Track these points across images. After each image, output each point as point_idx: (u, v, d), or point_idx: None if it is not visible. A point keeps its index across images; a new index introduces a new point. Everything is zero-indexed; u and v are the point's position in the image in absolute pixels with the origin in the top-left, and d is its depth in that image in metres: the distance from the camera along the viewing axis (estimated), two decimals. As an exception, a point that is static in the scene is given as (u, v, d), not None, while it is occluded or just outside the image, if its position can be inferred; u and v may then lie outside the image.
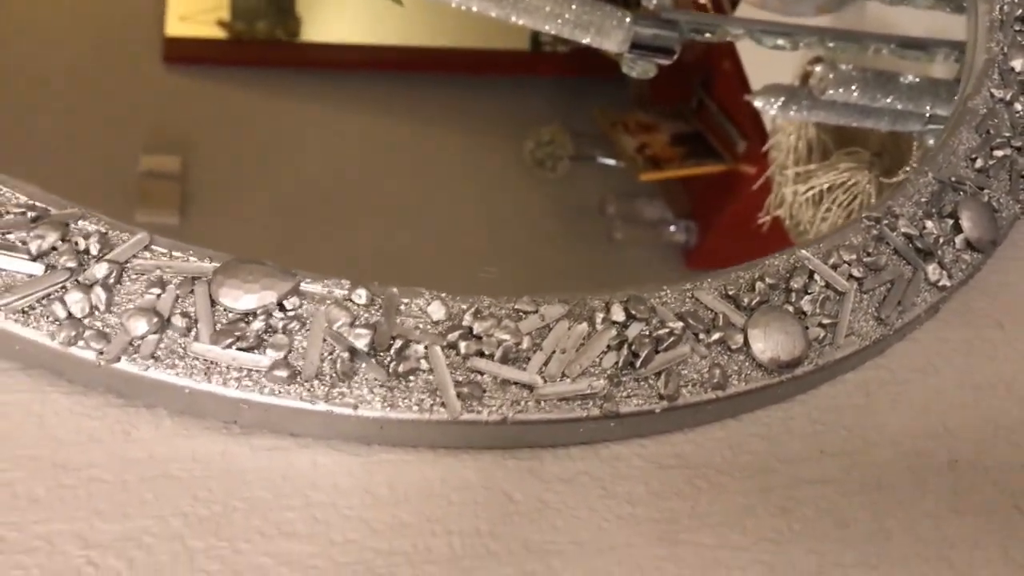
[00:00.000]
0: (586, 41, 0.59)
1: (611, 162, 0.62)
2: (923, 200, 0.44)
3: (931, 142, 0.54)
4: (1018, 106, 0.49)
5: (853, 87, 0.60)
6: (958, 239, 0.44)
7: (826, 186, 0.58)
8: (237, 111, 0.57)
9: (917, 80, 0.60)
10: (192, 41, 0.60)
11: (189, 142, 0.54)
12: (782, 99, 0.61)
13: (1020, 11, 0.52)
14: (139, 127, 0.54)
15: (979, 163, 0.46)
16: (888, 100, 0.59)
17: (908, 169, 0.55)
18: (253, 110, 0.57)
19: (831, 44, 0.63)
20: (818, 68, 0.61)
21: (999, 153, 0.47)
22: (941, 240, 0.43)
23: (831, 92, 0.60)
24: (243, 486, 0.34)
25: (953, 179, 0.45)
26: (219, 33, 0.61)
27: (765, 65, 0.63)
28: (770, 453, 0.38)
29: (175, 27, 0.59)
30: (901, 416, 0.40)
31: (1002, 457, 0.40)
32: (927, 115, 0.58)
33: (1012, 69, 0.50)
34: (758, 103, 0.61)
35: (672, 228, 0.59)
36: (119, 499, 0.33)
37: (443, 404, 0.34)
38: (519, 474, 0.36)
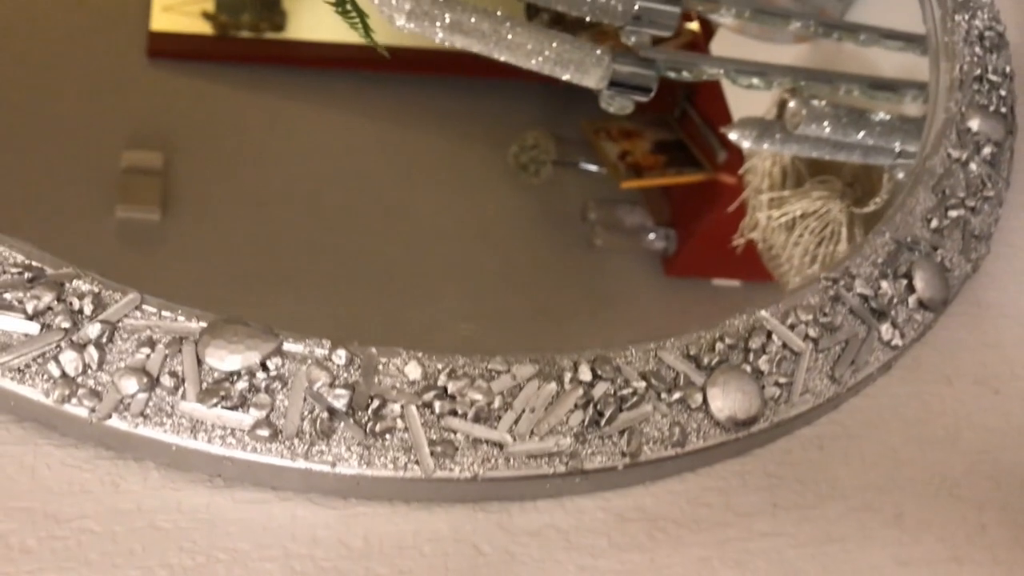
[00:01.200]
0: (566, 77, 0.60)
1: (593, 168, 0.63)
2: (879, 260, 0.46)
3: (900, 175, 0.56)
4: (973, 166, 0.51)
5: (825, 123, 0.61)
6: (911, 299, 0.46)
7: (799, 213, 0.60)
8: (221, 107, 0.58)
9: (887, 118, 0.62)
10: (176, 36, 0.60)
11: (172, 138, 0.54)
12: (756, 132, 0.63)
13: (978, 71, 0.54)
14: (122, 122, 0.54)
15: (934, 223, 0.48)
16: (859, 136, 0.61)
17: (878, 200, 0.57)
18: (237, 106, 0.58)
19: (803, 83, 0.65)
20: (792, 104, 0.62)
21: (953, 213, 0.49)
22: (895, 300, 0.45)
23: (803, 128, 0.62)
24: (225, 537, 0.35)
25: (909, 239, 0.47)
26: (204, 25, 0.61)
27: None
28: (726, 506, 0.40)
29: (160, 19, 0.59)
30: (852, 470, 0.43)
31: (945, 510, 0.42)
32: (897, 151, 0.60)
33: (969, 129, 0.52)
34: (733, 136, 0.62)
35: (652, 235, 0.60)
36: (108, 550, 0.34)
37: (417, 462, 0.36)
38: (488, 527, 0.38)
